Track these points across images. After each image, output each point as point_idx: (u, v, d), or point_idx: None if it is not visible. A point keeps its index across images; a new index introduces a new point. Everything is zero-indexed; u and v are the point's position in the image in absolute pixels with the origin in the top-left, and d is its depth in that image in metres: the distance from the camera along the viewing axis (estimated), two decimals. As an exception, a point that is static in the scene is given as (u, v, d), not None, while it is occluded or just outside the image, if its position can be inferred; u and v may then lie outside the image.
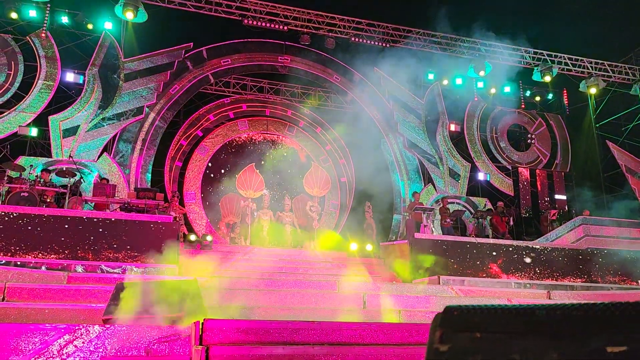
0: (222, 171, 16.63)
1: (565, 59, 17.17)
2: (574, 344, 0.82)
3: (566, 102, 18.67)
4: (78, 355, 4.16)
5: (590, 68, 17.36)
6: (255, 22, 14.98)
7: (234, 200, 15.72)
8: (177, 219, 11.14)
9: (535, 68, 17.06)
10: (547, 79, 16.91)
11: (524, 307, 0.89)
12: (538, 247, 11.68)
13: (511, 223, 14.26)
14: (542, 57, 17.02)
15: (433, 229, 14.06)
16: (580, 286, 11.04)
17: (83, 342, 4.20)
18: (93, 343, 4.22)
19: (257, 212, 14.35)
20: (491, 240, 11.94)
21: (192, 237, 11.59)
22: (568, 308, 0.85)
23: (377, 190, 16.93)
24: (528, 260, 11.11)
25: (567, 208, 17.17)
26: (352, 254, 12.51)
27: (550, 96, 18.55)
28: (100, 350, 4.19)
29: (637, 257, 11.84)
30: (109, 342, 4.23)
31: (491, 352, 0.86)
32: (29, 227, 8.70)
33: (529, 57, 17.05)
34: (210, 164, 16.75)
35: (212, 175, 16.57)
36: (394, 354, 4.44)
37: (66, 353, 4.15)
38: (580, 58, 17.27)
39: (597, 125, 18.04)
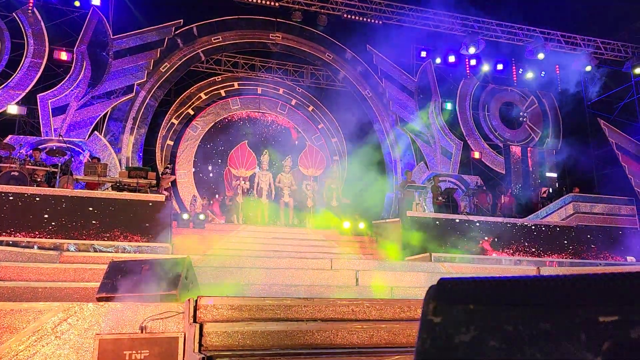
0: (214, 150, 16.55)
1: (557, 36, 17.11)
2: (566, 315, 0.83)
3: (558, 79, 18.66)
4: (72, 332, 4.18)
5: (582, 45, 17.32)
6: (246, -2, 14.76)
7: (226, 177, 15.68)
8: (168, 197, 11.19)
9: (528, 45, 16.98)
10: (540, 56, 16.85)
11: (516, 279, 0.90)
12: (528, 224, 11.79)
13: (502, 201, 14.37)
14: (535, 34, 16.93)
15: (425, 207, 14.14)
16: (570, 262, 11.19)
17: (77, 320, 4.22)
18: (87, 321, 4.24)
19: (257, 173, 14.22)
20: (482, 218, 12.04)
21: (185, 216, 11.58)
22: (560, 279, 0.86)
23: (369, 168, 16.96)
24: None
25: (557, 185, 17.30)
26: (345, 232, 12.57)
27: (542, 74, 18.53)
28: (95, 327, 4.21)
29: (626, 233, 11.99)
30: (104, 319, 4.25)
31: (484, 323, 0.87)
32: (20, 207, 8.65)
33: (522, 34, 16.96)
34: (202, 143, 16.65)
35: (204, 153, 16.48)
36: (386, 329, 4.50)
37: (60, 331, 4.17)
38: (572, 35, 17.21)
39: (589, 103, 18.08)
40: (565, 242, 11.62)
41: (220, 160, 16.27)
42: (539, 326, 0.82)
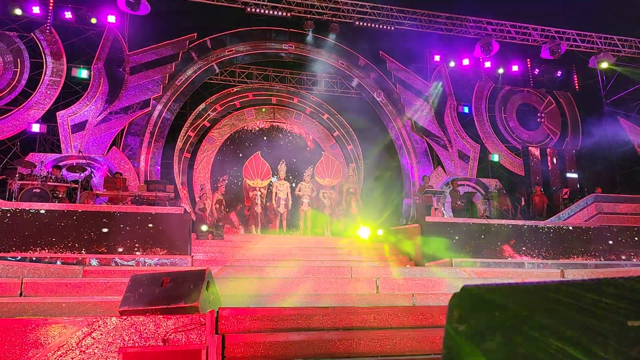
0: (231, 161, 16.65)
1: (573, 35, 16.92)
2: (593, 319, 0.81)
3: (575, 79, 18.44)
4: (96, 347, 4.22)
5: (599, 43, 17.10)
6: (258, 10, 14.89)
7: (244, 188, 15.74)
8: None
9: (543, 45, 16.83)
10: (556, 56, 16.68)
11: (541, 284, 0.88)
12: (551, 226, 11.61)
13: (522, 203, 14.22)
14: (550, 34, 16.77)
15: (444, 211, 14.03)
16: (594, 264, 10.99)
17: (101, 334, 4.25)
18: (111, 335, 4.27)
19: (274, 183, 14.24)
20: (503, 222, 11.89)
21: (204, 227, 11.64)
22: (587, 283, 0.84)
23: (386, 174, 16.92)
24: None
25: (578, 186, 17.04)
26: (364, 239, 12.51)
27: (559, 73, 18.33)
28: (119, 341, 4.24)
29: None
30: (127, 333, 4.28)
31: (510, 329, 0.85)
32: (43, 223, 8.79)
33: (537, 34, 16.81)
34: (218, 154, 16.77)
35: (221, 165, 16.59)
36: (409, 337, 4.46)
37: (85, 345, 4.20)
38: (588, 33, 17.00)
39: (608, 101, 17.81)
40: (589, 243, 11.41)
41: (237, 171, 16.36)
42: (566, 332, 0.80)
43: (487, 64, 17.46)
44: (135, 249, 9.03)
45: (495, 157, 16.99)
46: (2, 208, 8.77)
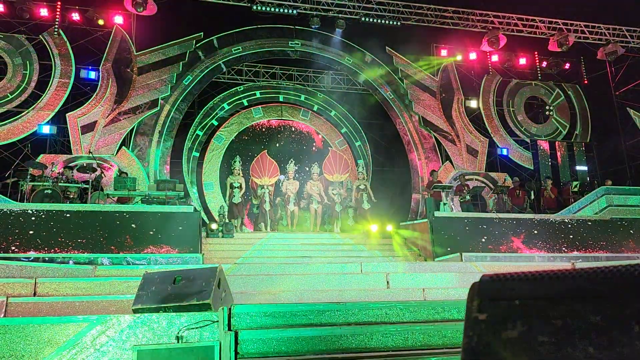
0: (240, 159, 16.67)
1: (581, 26, 16.78)
2: (616, 307, 0.81)
3: (584, 71, 18.29)
4: (111, 344, 4.25)
5: (607, 34, 16.94)
6: (264, 8, 14.89)
7: (252, 186, 15.77)
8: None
9: (551, 38, 16.70)
10: (564, 48, 16.54)
11: (563, 272, 0.88)
12: (561, 219, 11.54)
13: (532, 197, 14.13)
14: (558, 26, 16.65)
15: (453, 206, 13.98)
16: (606, 257, 10.92)
17: (115, 332, 4.29)
18: (125, 332, 4.30)
19: (284, 182, 14.27)
20: (512, 216, 11.84)
21: (214, 226, 11.69)
22: (610, 270, 0.84)
23: (394, 170, 16.89)
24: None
25: (588, 179, 16.92)
26: (373, 235, 12.50)
27: (567, 66, 18.19)
28: (132, 339, 4.28)
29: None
30: (140, 331, 4.31)
31: (531, 318, 0.85)
32: (55, 223, 8.87)
33: (544, 26, 16.69)
34: (227, 153, 16.80)
35: (230, 163, 16.60)
36: (421, 331, 4.46)
37: (99, 343, 4.24)
38: (596, 25, 16.85)
39: (617, 93, 17.66)
40: (600, 236, 11.34)
41: (245, 169, 16.37)
42: (589, 319, 0.80)
43: (495, 58, 17.37)
44: (146, 247, 9.08)
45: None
46: (15, 209, 8.86)
